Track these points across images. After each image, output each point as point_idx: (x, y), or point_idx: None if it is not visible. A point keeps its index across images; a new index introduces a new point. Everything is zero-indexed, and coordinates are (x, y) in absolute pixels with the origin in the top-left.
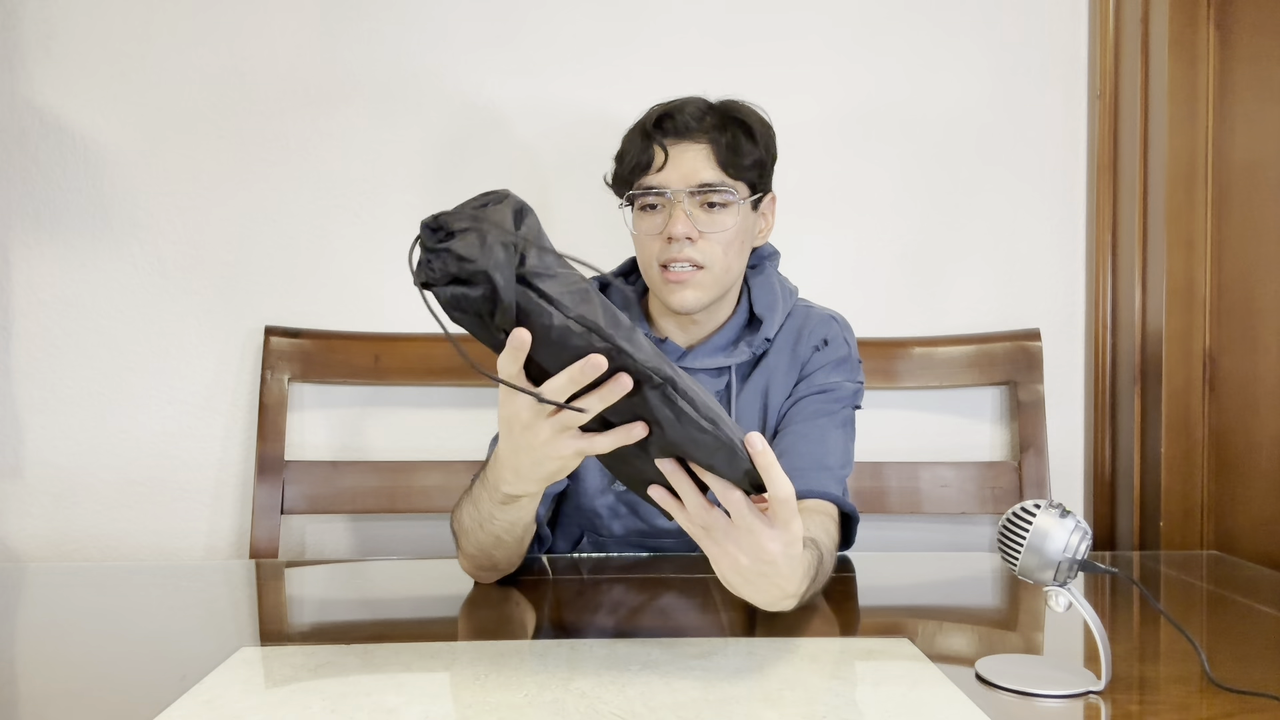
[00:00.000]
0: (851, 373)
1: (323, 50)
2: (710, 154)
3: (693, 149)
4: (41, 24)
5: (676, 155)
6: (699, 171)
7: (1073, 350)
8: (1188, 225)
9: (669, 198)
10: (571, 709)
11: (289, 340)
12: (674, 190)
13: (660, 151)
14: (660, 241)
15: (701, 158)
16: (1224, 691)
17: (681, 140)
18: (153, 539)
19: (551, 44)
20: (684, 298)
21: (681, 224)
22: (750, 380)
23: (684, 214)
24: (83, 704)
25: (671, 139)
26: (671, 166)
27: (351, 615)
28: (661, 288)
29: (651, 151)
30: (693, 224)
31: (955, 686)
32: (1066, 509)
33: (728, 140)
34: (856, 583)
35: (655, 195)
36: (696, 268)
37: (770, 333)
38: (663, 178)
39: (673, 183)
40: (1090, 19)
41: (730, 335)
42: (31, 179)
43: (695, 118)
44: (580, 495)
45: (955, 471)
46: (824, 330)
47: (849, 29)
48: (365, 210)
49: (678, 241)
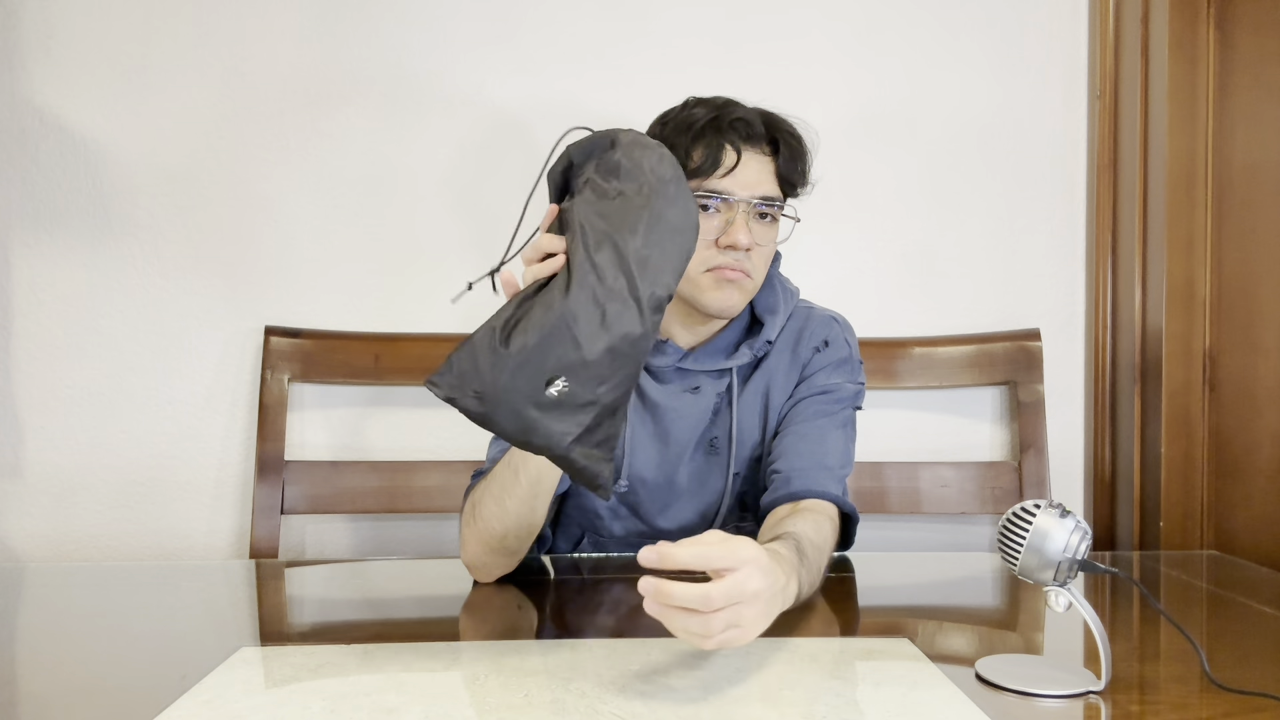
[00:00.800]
0: (852, 374)
1: (323, 50)
2: (773, 167)
3: (759, 159)
4: (41, 24)
5: (746, 162)
6: (762, 183)
7: (1073, 350)
8: (1188, 225)
9: (732, 204)
10: (571, 709)
11: (289, 340)
12: (739, 197)
13: (733, 154)
14: (712, 248)
15: (766, 169)
16: (1224, 691)
17: (750, 147)
18: (153, 539)
19: (552, 44)
20: (730, 298)
21: (744, 235)
22: (751, 382)
23: (745, 224)
24: (83, 704)
25: (744, 143)
26: (740, 173)
27: (351, 615)
28: (709, 288)
29: (723, 154)
30: (751, 235)
31: (955, 686)
32: (1066, 509)
33: (786, 155)
34: (856, 583)
35: (721, 199)
36: (745, 275)
37: (772, 335)
38: (729, 183)
39: (738, 190)
40: (1090, 19)
41: (732, 338)
42: (31, 179)
43: (766, 126)
44: (582, 495)
45: (955, 471)
46: (825, 331)
47: (850, 29)
48: (365, 210)
49: (737, 250)
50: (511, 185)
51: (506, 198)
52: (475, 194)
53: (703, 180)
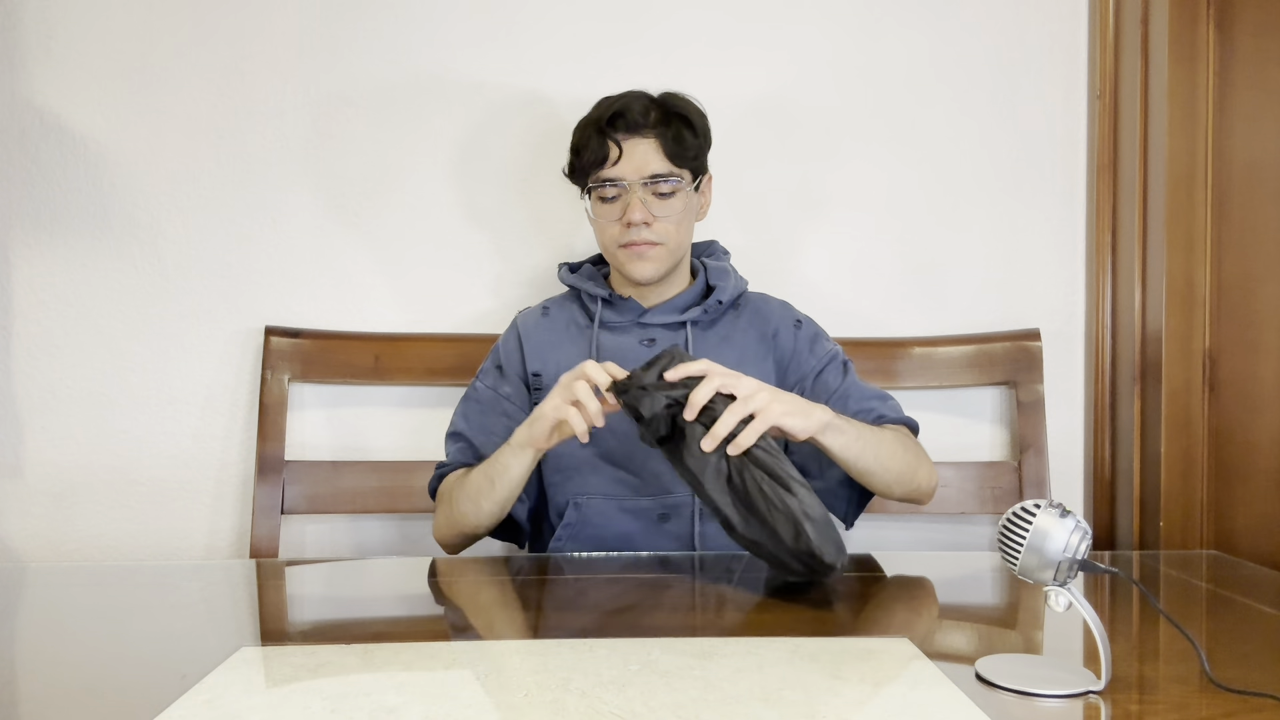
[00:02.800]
0: (829, 340)
1: (323, 50)
2: (658, 147)
3: (643, 144)
4: (41, 24)
5: (629, 150)
6: (649, 163)
7: (1073, 350)
8: (1188, 225)
9: (624, 187)
10: (571, 709)
11: (289, 340)
12: (629, 181)
13: (615, 147)
14: (619, 226)
15: (651, 151)
16: (1224, 691)
17: (632, 136)
18: (153, 539)
19: (552, 44)
20: (644, 268)
21: (638, 211)
22: (707, 336)
23: (639, 202)
24: (83, 704)
25: (624, 134)
26: (625, 160)
27: (351, 615)
28: (624, 263)
29: (606, 147)
30: (647, 210)
31: (955, 686)
32: (1066, 509)
33: (673, 133)
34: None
35: (612, 186)
36: (652, 245)
37: (723, 296)
38: (618, 170)
39: (627, 174)
40: (1090, 19)
41: (688, 299)
42: (31, 179)
43: (642, 114)
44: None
45: (955, 471)
46: (791, 313)
47: (849, 29)
48: (365, 210)
49: (635, 226)
50: (512, 186)
51: (507, 198)
52: (476, 194)
53: (598, 170)
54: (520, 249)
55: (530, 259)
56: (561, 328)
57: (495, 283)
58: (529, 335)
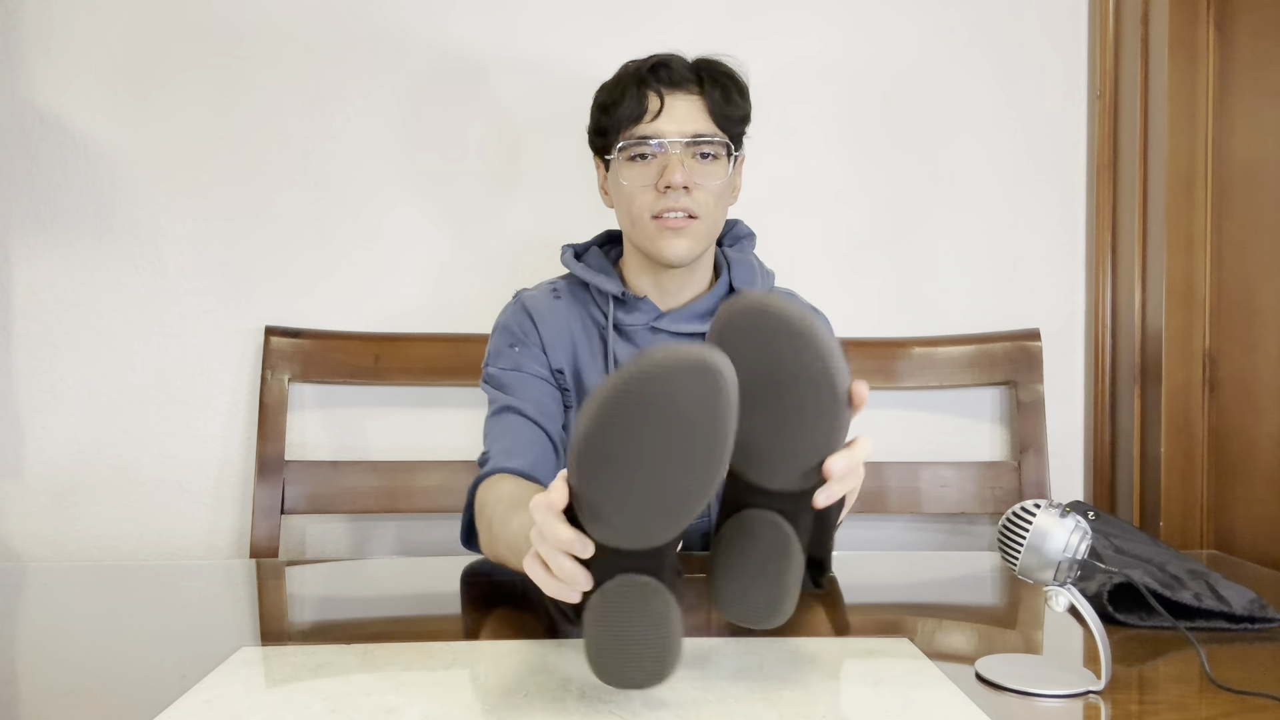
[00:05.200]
0: None
1: (323, 50)
2: (703, 105)
3: (686, 99)
4: (41, 24)
5: (671, 104)
6: (694, 121)
7: (1073, 350)
8: (1188, 225)
9: (663, 149)
10: (571, 709)
11: (289, 340)
12: (670, 140)
13: (656, 99)
14: (653, 192)
15: (696, 108)
16: (1224, 691)
17: (676, 90)
18: (153, 539)
19: (548, 40)
20: (678, 247)
21: (679, 173)
22: None
23: (680, 163)
24: (83, 704)
25: (667, 88)
26: (666, 116)
27: (351, 615)
28: (656, 237)
29: (647, 100)
30: (689, 174)
31: (955, 686)
32: (1067, 509)
33: (719, 93)
34: (857, 583)
35: (649, 145)
36: (690, 218)
37: None
38: (657, 126)
39: (668, 132)
40: (1090, 19)
41: (709, 304)
42: (31, 179)
43: (689, 69)
44: None
45: (955, 471)
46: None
47: (847, 29)
48: (365, 210)
49: (675, 191)
50: (512, 185)
51: (507, 199)
52: (476, 195)
53: (634, 127)
54: (521, 249)
55: (531, 258)
56: (576, 323)
57: (495, 283)
58: (544, 321)
